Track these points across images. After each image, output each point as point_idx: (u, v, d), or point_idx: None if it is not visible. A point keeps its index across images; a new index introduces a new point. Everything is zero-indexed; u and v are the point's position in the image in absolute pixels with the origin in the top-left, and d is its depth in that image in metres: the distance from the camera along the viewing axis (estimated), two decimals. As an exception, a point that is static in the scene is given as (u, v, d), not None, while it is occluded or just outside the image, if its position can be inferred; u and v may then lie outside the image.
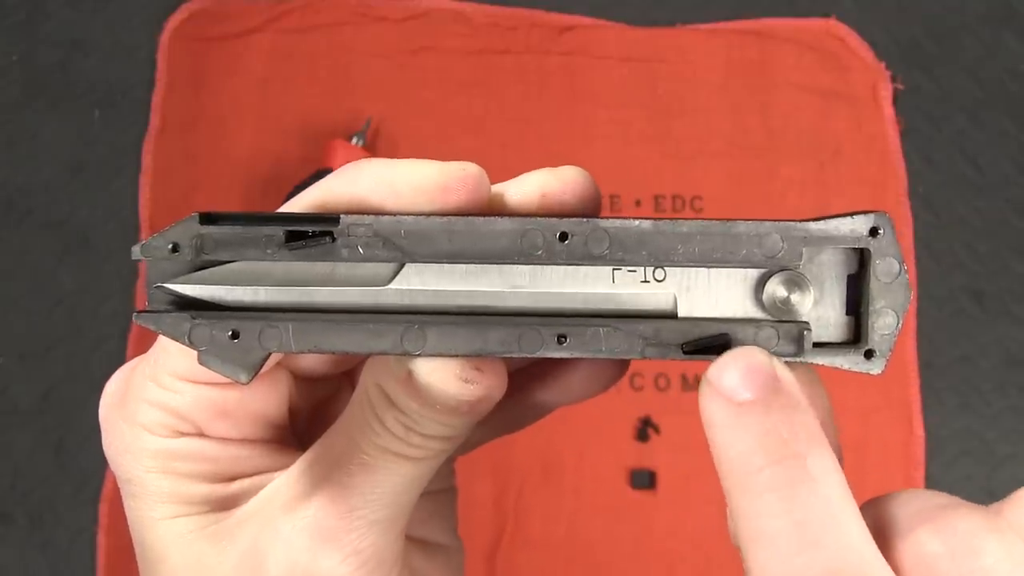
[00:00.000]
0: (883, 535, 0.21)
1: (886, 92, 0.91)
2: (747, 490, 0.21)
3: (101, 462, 0.83)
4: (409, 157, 0.92)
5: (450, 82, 0.93)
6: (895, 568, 0.20)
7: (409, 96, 0.92)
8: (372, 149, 0.90)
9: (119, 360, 0.85)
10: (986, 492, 0.82)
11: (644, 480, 0.83)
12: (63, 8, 0.95)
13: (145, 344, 0.86)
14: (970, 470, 0.83)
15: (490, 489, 0.84)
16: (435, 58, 0.93)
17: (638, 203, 0.89)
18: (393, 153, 0.91)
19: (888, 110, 0.91)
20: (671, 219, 0.24)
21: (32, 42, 0.94)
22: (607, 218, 0.24)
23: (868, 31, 0.93)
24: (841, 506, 0.20)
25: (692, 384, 0.86)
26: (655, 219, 0.24)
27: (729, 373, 0.22)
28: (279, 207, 0.90)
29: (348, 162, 0.93)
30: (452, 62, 0.93)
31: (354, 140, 0.88)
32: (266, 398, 0.29)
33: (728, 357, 0.22)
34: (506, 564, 0.83)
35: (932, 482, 0.82)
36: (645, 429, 0.84)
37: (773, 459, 0.21)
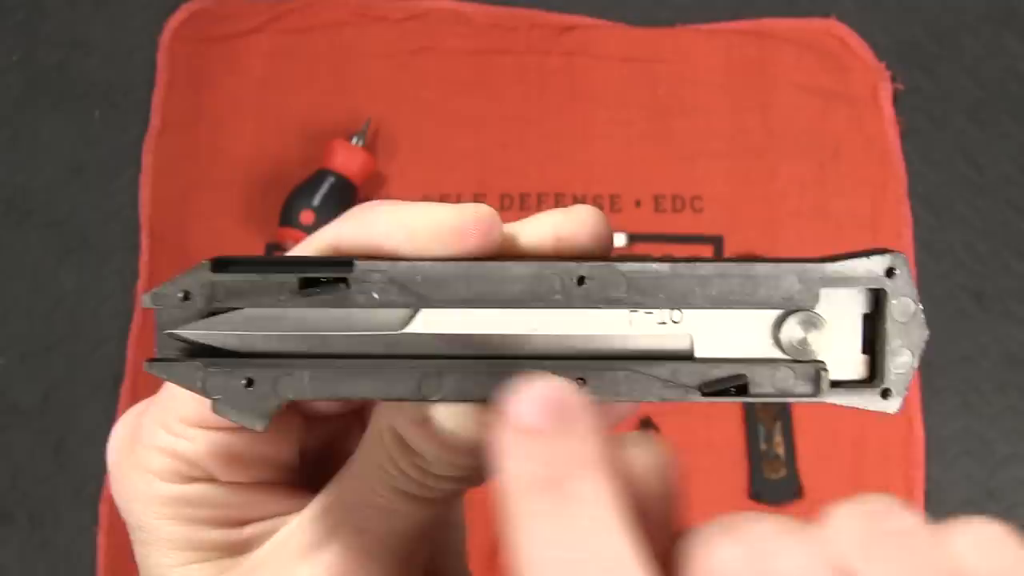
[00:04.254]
0: (685, 554, 0.21)
1: (886, 92, 0.91)
2: (519, 518, 0.21)
3: (101, 462, 0.82)
4: (409, 157, 0.92)
5: (450, 82, 0.93)
6: None
7: (409, 96, 0.92)
8: (372, 149, 0.90)
9: (119, 360, 0.85)
10: (986, 492, 0.82)
11: (644, 480, 0.83)
12: (63, 8, 0.95)
13: (145, 347, 0.86)
14: (970, 470, 0.83)
15: (488, 489, 0.84)
16: (435, 58, 0.93)
17: (638, 203, 0.89)
18: (393, 152, 0.91)
19: (888, 110, 0.91)
20: (688, 262, 0.24)
21: (32, 42, 0.94)
22: (624, 260, 0.24)
23: (868, 31, 0.93)
24: (607, 529, 0.20)
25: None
26: (673, 262, 0.24)
27: (519, 400, 0.22)
28: (280, 208, 0.90)
29: (348, 162, 0.92)
30: (452, 62, 0.93)
31: (354, 140, 0.88)
32: (278, 442, 0.28)
33: (521, 384, 0.22)
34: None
35: (932, 482, 0.82)
36: (645, 429, 0.84)
37: (544, 484, 0.21)
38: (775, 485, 0.82)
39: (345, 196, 0.86)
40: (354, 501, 0.27)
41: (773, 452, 0.82)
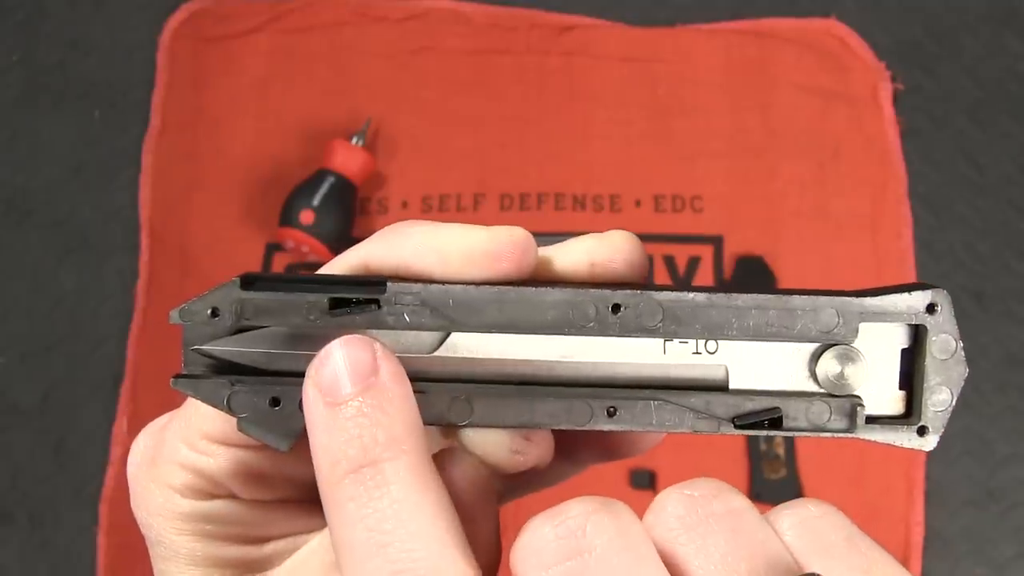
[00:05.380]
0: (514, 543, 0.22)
1: (886, 92, 0.91)
2: (332, 501, 0.21)
3: (101, 462, 0.83)
4: (409, 157, 0.92)
5: (450, 82, 0.93)
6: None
7: (409, 96, 0.92)
8: (372, 149, 0.90)
9: (119, 360, 0.85)
10: (986, 492, 0.82)
11: (644, 480, 0.83)
12: (63, 8, 0.95)
13: (145, 347, 0.86)
14: (970, 470, 0.83)
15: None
16: (435, 58, 0.93)
17: (638, 203, 0.89)
18: (393, 152, 0.91)
19: (888, 110, 0.91)
20: (726, 292, 0.24)
21: (32, 42, 0.94)
22: (661, 289, 0.24)
23: (868, 31, 0.93)
24: (411, 509, 0.21)
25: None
26: (709, 292, 0.24)
27: (328, 366, 0.22)
28: (280, 208, 0.90)
29: (348, 162, 0.92)
30: (452, 62, 0.93)
31: (354, 140, 0.88)
32: (300, 460, 0.28)
33: (330, 348, 0.22)
34: (505, 566, 0.83)
35: (932, 482, 0.82)
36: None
37: (353, 467, 0.21)
38: (775, 485, 0.82)
39: (345, 196, 0.86)
40: None
41: (773, 452, 0.82)
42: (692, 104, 0.92)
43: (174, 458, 0.26)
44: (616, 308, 0.23)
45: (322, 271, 0.25)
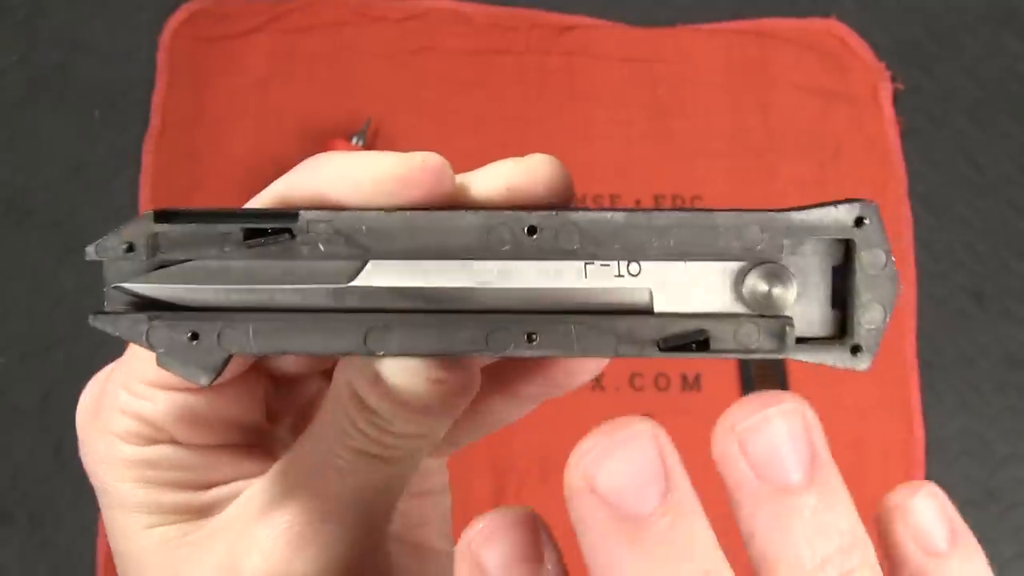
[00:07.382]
0: None
1: (886, 92, 0.91)
2: None
3: (101, 462, 0.83)
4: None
5: (450, 82, 0.93)
6: None
7: (409, 96, 0.92)
8: (372, 149, 0.90)
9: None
10: (986, 492, 0.82)
11: (644, 480, 0.83)
12: (63, 8, 0.95)
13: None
14: (970, 470, 0.83)
15: (488, 488, 0.84)
16: (435, 58, 0.93)
17: (638, 203, 0.89)
18: (393, 153, 0.91)
19: (888, 110, 0.91)
20: (645, 211, 0.23)
21: (32, 42, 0.94)
22: (578, 210, 0.23)
23: (868, 31, 0.93)
24: None
25: (692, 384, 0.86)
26: (628, 211, 0.23)
27: (614, 468, 0.18)
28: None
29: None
30: (452, 62, 0.93)
31: (354, 140, 0.88)
32: (240, 403, 0.28)
33: (603, 439, 0.18)
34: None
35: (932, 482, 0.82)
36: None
37: None
38: (775, 485, 0.81)
39: (345, 196, 0.86)
40: (313, 462, 0.26)
41: (773, 452, 0.82)
42: (692, 104, 0.92)
43: (115, 404, 0.27)
44: (532, 230, 0.23)
45: (246, 206, 0.25)
